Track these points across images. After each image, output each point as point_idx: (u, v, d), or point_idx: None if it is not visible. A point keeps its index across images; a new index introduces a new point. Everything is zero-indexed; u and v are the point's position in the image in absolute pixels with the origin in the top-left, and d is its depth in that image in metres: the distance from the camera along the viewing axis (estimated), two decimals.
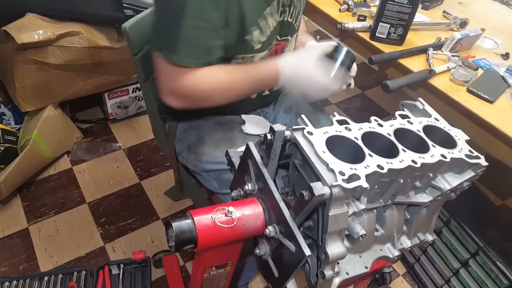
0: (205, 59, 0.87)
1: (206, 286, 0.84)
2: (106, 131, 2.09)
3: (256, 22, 0.92)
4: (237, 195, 0.77)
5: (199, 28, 0.82)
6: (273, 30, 0.97)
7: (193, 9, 0.80)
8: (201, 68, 0.88)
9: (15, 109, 1.83)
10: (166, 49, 0.85)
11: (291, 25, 1.03)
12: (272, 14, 0.94)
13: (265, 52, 1.00)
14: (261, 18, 0.92)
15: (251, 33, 0.92)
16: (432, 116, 0.81)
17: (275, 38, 1.01)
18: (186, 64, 0.86)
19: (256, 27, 0.92)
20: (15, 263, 1.52)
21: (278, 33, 1.01)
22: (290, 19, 1.02)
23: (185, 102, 0.93)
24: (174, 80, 0.89)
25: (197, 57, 0.86)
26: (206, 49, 0.86)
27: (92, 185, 1.82)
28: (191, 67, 0.87)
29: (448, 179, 0.76)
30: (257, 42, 0.95)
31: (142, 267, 1.47)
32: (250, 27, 0.91)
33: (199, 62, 0.86)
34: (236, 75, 0.92)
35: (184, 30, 0.82)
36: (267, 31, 0.95)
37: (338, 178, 0.58)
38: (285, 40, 1.05)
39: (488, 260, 1.23)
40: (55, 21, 1.57)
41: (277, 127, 0.65)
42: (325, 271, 0.63)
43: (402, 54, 1.28)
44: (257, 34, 0.93)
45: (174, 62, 0.85)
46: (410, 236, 0.83)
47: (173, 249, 0.63)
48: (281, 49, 1.06)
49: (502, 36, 1.44)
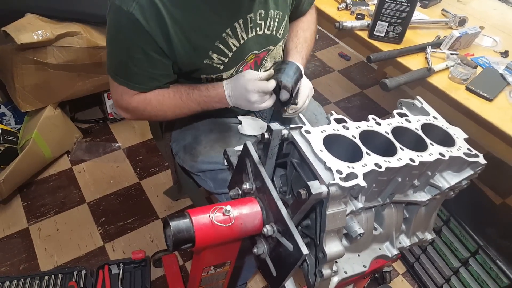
0: (149, 85, 0.93)
1: (205, 285, 0.84)
2: (105, 131, 2.09)
3: (212, 46, 0.92)
4: (235, 194, 0.77)
5: (135, 59, 0.88)
6: (239, 49, 0.96)
7: (125, 43, 0.87)
8: (150, 91, 0.95)
9: (15, 109, 1.83)
10: (113, 72, 0.93)
11: (270, 36, 1.02)
12: (236, 34, 0.93)
13: (234, 69, 0.99)
14: (220, 41, 0.92)
15: (210, 57, 0.93)
16: (431, 114, 0.81)
17: (248, 53, 1.00)
18: (131, 88, 0.93)
19: (213, 51, 0.92)
20: (15, 263, 1.52)
21: (252, 49, 1.00)
22: (268, 31, 1.00)
23: (134, 116, 1.01)
24: (122, 98, 0.96)
25: (139, 83, 0.92)
26: (147, 77, 0.92)
27: (91, 185, 1.82)
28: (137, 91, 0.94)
29: (447, 178, 0.76)
30: (219, 64, 0.95)
31: (142, 267, 1.47)
32: (207, 52, 0.92)
33: (143, 87, 0.93)
34: (184, 97, 0.96)
35: (124, 60, 0.89)
36: (229, 52, 0.95)
37: (336, 176, 0.58)
38: (266, 50, 1.04)
39: (488, 259, 1.23)
40: (54, 22, 1.57)
41: (274, 126, 0.65)
42: (323, 270, 0.63)
43: (401, 52, 1.28)
44: (217, 56, 0.94)
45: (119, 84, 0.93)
46: (409, 235, 0.83)
47: (171, 248, 0.63)
48: (261, 59, 1.05)
49: (501, 34, 1.44)
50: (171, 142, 1.16)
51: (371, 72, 2.66)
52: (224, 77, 1.00)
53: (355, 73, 2.65)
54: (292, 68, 0.96)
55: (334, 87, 2.52)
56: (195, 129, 1.11)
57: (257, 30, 0.97)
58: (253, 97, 0.90)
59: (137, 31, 0.83)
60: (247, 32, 0.95)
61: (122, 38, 0.86)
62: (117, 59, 0.91)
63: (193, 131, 1.11)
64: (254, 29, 0.96)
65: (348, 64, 2.72)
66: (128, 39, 0.85)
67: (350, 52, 2.79)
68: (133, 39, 0.85)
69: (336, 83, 2.55)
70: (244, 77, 0.91)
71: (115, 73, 0.92)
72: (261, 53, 1.03)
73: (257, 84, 0.89)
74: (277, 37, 1.04)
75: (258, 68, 1.07)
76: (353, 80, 2.59)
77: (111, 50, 0.91)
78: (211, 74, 0.98)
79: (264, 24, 0.98)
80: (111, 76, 0.93)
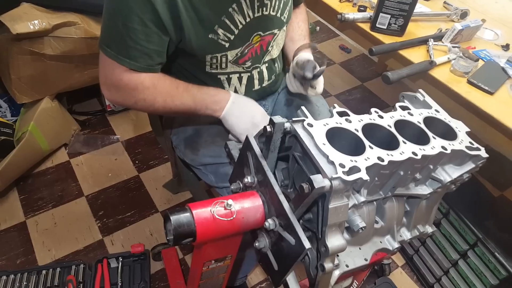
0: (140, 62, 0.88)
1: (205, 279, 0.84)
2: (103, 123, 2.07)
3: (219, 21, 0.89)
4: (237, 188, 0.77)
5: (131, 30, 0.83)
6: (245, 27, 0.94)
7: (125, 11, 0.82)
8: (144, 73, 0.90)
9: (11, 101, 1.81)
10: (105, 44, 0.87)
11: (275, 18, 1.00)
12: (241, 11, 0.91)
13: (239, 49, 0.98)
14: (226, 16, 0.90)
15: (215, 31, 0.90)
16: (433, 107, 0.80)
17: (253, 34, 0.98)
18: (120, 63, 0.87)
19: (219, 26, 0.90)
20: (12, 257, 1.51)
21: (257, 29, 0.98)
22: (273, 12, 0.98)
23: (122, 97, 0.94)
24: (113, 73, 0.90)
25: (131, 58, 0.87)
26: (141, 52, 0.87)
27: (90, 178, 1.81)
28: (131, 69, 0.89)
29: (448, 171, 0.75)
30: (225, 41, 0.93)
31: (141, 260, 1.47)
32: (213, 26, 0.89)
33: (133, 64, 0.87)
34: (181, 89, 0.94)
35: (119, 31, 0.84)
36: (234, 29, 0.93)
37: (338, 170, 0.57)
38: (271, 34, 1.03)
39: (487, 251, 1.23)
40: (51, 11, 1.55)
41: (276, 119, 0.64)
42: (325, 263, 0.62)
43: (403, 45, 1.27)
44: (223, 32, 0.91)
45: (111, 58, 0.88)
46: (409, 228, 0.83)
47: (171, 243, 0.63)
48: (266, 43, 1.04)
49: (503, 27, 1.43)
50: (171, 135, 1.15)
51: (371, 65, 2.65)
52: (229, 57, 0.97)
53: (356, 65, 2.64)
54: None
55: (334, 79, 2.51)
56: (196, 122, 1.10)
57: (263, 10, 0.95)
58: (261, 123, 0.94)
59: (137, 1, 0.79)
60: (253, 10, 0.93)
61: (120, 6, 0.82)
62: (111, 30, 0.86)
63: (194, 124, 1.10)
64: (261, 8, 0.95)
65: (348, 56, 2.71)
66: (127, 7, 0.81)
67: (350, 45, 2.78)
68: (132, 7, 0.80)
69: (336, 76, 2.54)
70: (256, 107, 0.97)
71: (107, 45, 0.87)
72: (266, 35, 1.01)
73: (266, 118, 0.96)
74: (281, 20, 1.02)
75: (264, 53, 1.05)
76: (354, 72, 2.58)
77: (106, 19, 0.86)
78: (216, 53, 0.95)
79: (270, 4, 0.96)
80: (102, 49, 0.88)
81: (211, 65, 0.98)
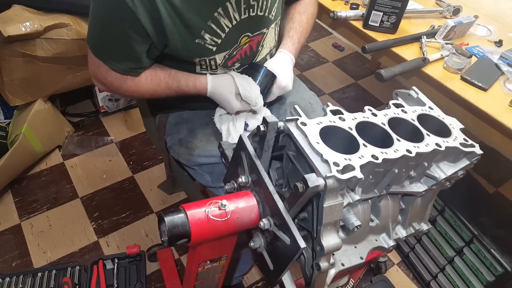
0: (122, 65, 0.90)
1: (201, 279, 0.83)
2: (97, 124, 2.06)
3: (204, 26, 0.89)
4: (231, 188, 0.76)
5: (113, 36, 0.86)
6: (232, 30, 0.93)
7: (108, 16, 0.84)
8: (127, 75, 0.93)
9: (4, 104, 1.80)
10: (91, 43, 0.90)
11: (264, 18, 0.99)
12: (228, 14, 0.91)
13: (227, 52, 0.97)
14: (212, 21, 0.89)
15: (202, 37, 0.90)
16: (427, 104, 0.80)
17: (241, 36, 0.97)
18: (105, 63, 0.90)
19: (205, 31, 0.90)
20: (7, 260, 1.50)
21: (245, 30, 0.97)
22: (261, 12, 0.97)
23: (110, 90, 1.01)
24: (98, 70, 0.93)
25: (115, 60, 0.89)
26: (122, 56, 0.89)
27: (84, 180, 1.80)
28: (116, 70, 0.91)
29: (443, 168, 0.75)
30: (212, 45, 0.93)
31: (137, 261, 1.46)
32: (199, 31, 0.89)
33: (115, 66, 0.90)
34: (163, 85, 0.97)
35: (100, 33, 0.87)
36: (221, 33, 0.92)
37: (333, 169, 0.57)
38: (260, 34, 1.02)
39: (483, 247, 1.24)
40: (42, 13, 1.54)
41: (270, 118, 0.64)
42: (321, 263, 0.62)
43: (395, 42, 1.27)
44: (209, 36, 0.91)
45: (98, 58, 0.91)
46: (405, 225, 0.83)
47: (166, 244, 0.62)
48: (256, 44, 1.03)
49: (495, 23, 1.43)
50: (166, 135, 1.15)
51: (364, 63, 2.65)
52: (217, 61, 0.97)
53: (349, 63, 2.64)
54: (264, 78, 1.00)
55: (328, 78, 2.51)
56: (190, 123, 1.09)
57: (250, 11, 0.94)
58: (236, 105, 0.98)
59: (119, 8, 0.79)
60: (239, 13, 0.92)
61: (103, 12, 0.83)
62: (96, 31, 0.88)
63: (188, 124, 1.09)
64: (247, 10, 0.94)
65: (342, 54, 2.71)
66: (109, 14, 0.82)
67: (343, 43, 2.78)
68: (115, 15, 0.81)
69: (330, 74, 2.54)
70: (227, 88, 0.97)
71: (93, 45, 0.90)
72: (254, 36, 1.01)
73: None
74: (269, 19, 1.01)
75: (254, 54, 1.05)
76: (347, 71, 2.58)
77: (91, 20, 0.87)
78: (204, 57, 0.95)
79: (257, 5, 0.95)
80: (89, 46, 0.90)
81: (201, 66, 0.98)
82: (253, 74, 1.00)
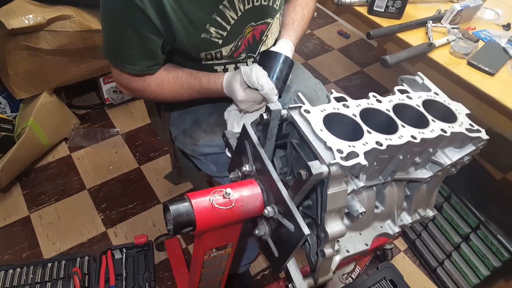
0: (139, 66, 0.91)
1: (207, 267, 0.84)
2: (103, 116, 2.07)
3: (210, 19, 0.89)
4: (235, 177, 0.76)
5: (127, 38, 0.86)
6: (237, 21, 0.93)
7: (117, 20, 0.85)
8: (146, 75, 0.95)
9: (10, 97, 1.81)
10: (105, 51, 0.92)
11: (268, 7, 0.98)
12: (233, 6, 0.90)
13: (233, 44, 0.97)
14: (217, 14, 0.89)
15: (207, 31, 0.90)
16: (432, 90, 0.79)
17: (246, 26, 0.97)
18: (121, 69, 0.93)
19: (211, 24, 0.89)
20: (18, 251, 1.53)
21: (250, 20, 0.96)
22: (265, 2, 0.96)
23: (135, 95, 1.05)
24: (121, 77, 0.96)
25: (130, 63, 0.91)
26: (138, 56, 0.90)
27: (91, 171, 1.82)
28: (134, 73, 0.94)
29: (449, 154, 0.75)
30: (218, 38, 0.93)
31: (145, 251, 1.48)
32: (204, 25, 0.89)
33: (132, 68, 0.91)
34: (185, 86, 0.98)
35: (114, 38, 0.88)
36: (226, 25, 0.92)
37: (336, 156, 0.57)
38: (264, 23, 1.01)
39: (489, 233, 1.23)
40: (45, 5, 1.54)
41: (273, 106, 0.64)
42: (325, 249, 0.62)
43: (401, 28, 1.25)
44: (215, 30, 0.91)
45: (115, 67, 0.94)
46: (410, 212, 0.82)
47: (171, 233, 0.63)
48: (259, 33, 1.02)
49: (503, 6, 1.40)
50: (170, 126, 1.15)
51: (370, 50, 2.62)
52: (223, 53, 0.97)
53: (355, 51, 2.61)
54: (282, 65, 0.96)
55: (333, 66, 2.49)
56: (194, 113, 1.09)
57: (254, 1, 0.94)
58: (243, 105, 0.95)
59: (129, 8, 0.80)
60: (244, 3, 0.92)
61: (113, 16, 0.84)
62: (109, 39, 0.90)
63: (192, 114, 1.09)
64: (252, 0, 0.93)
65: (347, 42, 2.68)
66: (120, 17, 0.83)
67: (349, 30, 2.75)
68: (125, 17, 0.82)
69: (335, 62, 2.52)
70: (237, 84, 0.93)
71: (107, 52, 0.92)
72: (258, 25, 1.00)
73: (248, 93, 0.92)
74: (274, 8, 1.00)
75: (258, 43, 1.04)
76: (353, 58, 2.55)
77: (103, 29, 0.89)
78: (210, 50, 0.95)
79: None
80: (104, 55, 0.92)
81: (206, 58, 0.98)
82: (270, 62, 0.95)
